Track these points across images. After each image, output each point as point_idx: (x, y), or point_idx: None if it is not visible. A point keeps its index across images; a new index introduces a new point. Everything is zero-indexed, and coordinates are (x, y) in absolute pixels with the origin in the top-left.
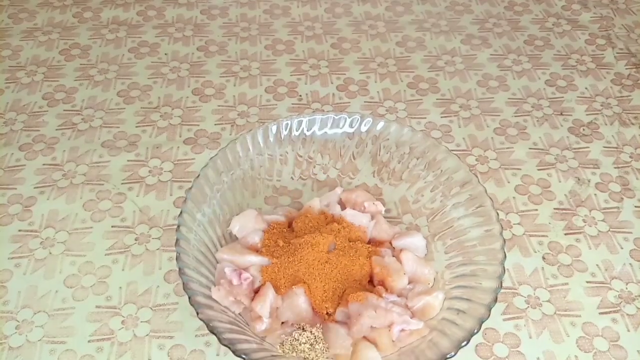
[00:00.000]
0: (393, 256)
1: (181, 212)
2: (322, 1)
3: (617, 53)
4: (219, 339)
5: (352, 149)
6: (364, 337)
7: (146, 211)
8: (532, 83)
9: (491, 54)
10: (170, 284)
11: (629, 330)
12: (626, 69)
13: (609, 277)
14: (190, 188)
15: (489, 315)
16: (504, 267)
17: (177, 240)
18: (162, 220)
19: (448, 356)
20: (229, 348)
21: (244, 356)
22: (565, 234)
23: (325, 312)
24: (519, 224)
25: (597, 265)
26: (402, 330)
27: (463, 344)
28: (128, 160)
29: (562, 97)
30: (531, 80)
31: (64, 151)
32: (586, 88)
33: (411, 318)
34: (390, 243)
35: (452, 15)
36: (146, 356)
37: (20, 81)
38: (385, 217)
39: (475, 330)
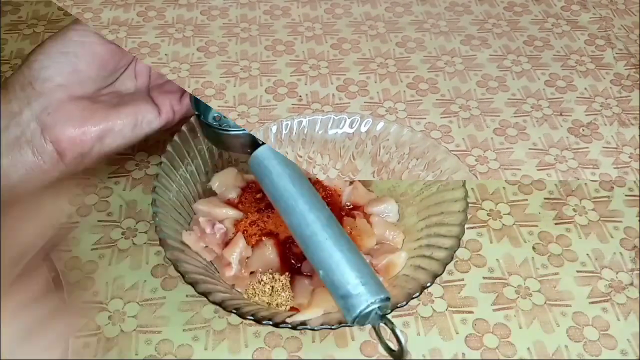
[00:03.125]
0: (364, 218)
1: (161, 162)
2: (322, 2)
3: (617, 54)
4: (183, 277)
5: (352, 149)
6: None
7: (133, 205)
8: (531, 83)
9: (491, 55)
10: (157, 279)
11: (619, 320)
12: (625, 69)
13: (599, 266)
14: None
15: (444, 271)
16: (463, 227)
17: (154, 187)
18: (149, 214)
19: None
20: (193, 287)
21: (208, 298)
22: (556, 224)
23: (292, 264)
24: (509, 214)
25: (587, 254)
26: None
27: (415, 295)
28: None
29: (562, 97)
30: (531, 80)
31: None
32: (585, 88)
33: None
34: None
35: (452, 15)
36: (133, 351)
37: None
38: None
39: (428, 284)
